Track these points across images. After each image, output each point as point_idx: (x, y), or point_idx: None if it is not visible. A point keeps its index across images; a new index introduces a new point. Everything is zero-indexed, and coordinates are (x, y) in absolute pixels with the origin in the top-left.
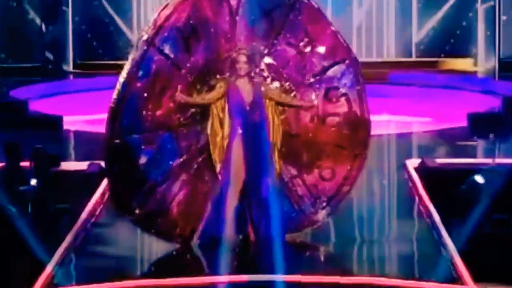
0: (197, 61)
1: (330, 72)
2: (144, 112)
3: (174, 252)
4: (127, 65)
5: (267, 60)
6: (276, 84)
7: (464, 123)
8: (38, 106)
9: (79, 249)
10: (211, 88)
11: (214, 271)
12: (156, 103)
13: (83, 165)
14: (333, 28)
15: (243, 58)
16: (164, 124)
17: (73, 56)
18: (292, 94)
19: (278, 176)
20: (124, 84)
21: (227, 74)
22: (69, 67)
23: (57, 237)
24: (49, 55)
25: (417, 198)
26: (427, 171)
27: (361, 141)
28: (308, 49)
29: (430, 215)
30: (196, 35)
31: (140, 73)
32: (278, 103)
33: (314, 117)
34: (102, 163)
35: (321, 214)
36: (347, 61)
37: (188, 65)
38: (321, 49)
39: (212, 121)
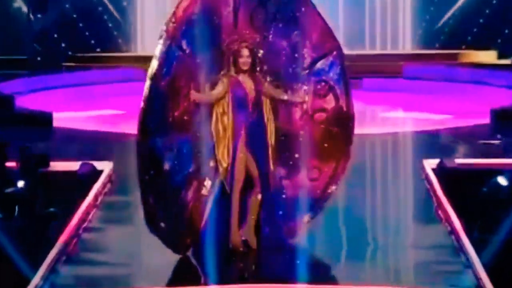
0: (205, 56)
1: (318, 65)
2: (167, 114)
3: (172, 260)
4: (154, 60)
5: (260, 52)
6: (269, 78)
7: (487, 120)
8: (26, 101)
9: (70, 257)
10: (214, 85)
11: (212, 280)
12: (176, 103)
13: (74, 165)
14: (322, 17)
15: (246, 52)
16: (181, 126)
17: (63, 47)
18: (284, 89)
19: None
20: (151, 82)
21: (228, 69)
22: (60, 60)
23: (46, 243)
24: (38, 47)
25: (435, 202)
26: (446, 172)
27: (347, 138)
28: (298, 40)
29: (449, 220)
30: (206, 28)
31: (164, 70)
32: (271, 99)
33: (304, 113)
34: (95, 163)
35: (306, 217)
36: (334, 52)
37: (198, 60)
38: (311, 40)
39: (215, 120)
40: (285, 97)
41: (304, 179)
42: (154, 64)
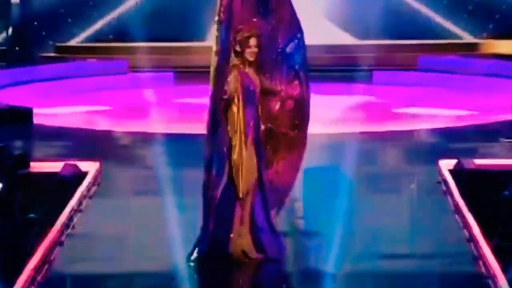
0: (228, 47)
1: (288, 49)
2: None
3: (165, 268)
4: (213, 55)
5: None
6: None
7: (509, 116)
8: (3, 96)
9: (52, 266)
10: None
11: None
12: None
13: (56, 166)
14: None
15: (253, 42)
16: (219, 126)
17: (44, 36)
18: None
19: None
20: (212, 78)
21: (236, 60)
22: (40, 50)
23: (25, 252)
24: (16, 36)
25: (452, 205)
26: (464, 174)
27: (306, 127)
28: (273, 25)
29: (467, 226)
30: (228, 16)
31: (221, 61)
32: (260, 92)
33: (278, 102)
34: (79, 164)
35: (272, 213)
36: (298, 35)
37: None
38: (283, 24)
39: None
40: (270, 86)
41: (273, 174)
42: (214, 59)
